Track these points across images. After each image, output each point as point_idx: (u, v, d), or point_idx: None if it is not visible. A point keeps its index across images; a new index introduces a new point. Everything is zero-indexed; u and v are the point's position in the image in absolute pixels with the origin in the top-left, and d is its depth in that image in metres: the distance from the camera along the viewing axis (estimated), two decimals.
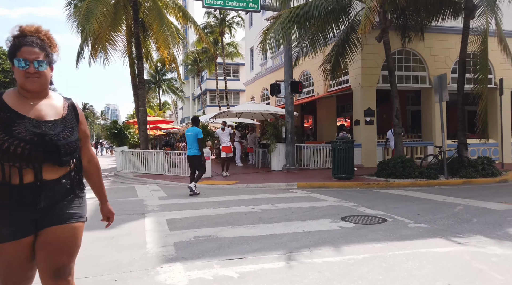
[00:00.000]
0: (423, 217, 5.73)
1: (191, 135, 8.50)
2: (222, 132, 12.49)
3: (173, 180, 11.72)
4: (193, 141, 8.47)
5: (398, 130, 11.24)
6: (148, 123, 20.25)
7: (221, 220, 5.76)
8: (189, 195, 8.40)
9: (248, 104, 15.53)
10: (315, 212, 6.26)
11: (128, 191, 9.71)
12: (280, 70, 20.92)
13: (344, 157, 10.48)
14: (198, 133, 8.44)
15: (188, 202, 7.51)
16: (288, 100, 13.25)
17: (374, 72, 14.34)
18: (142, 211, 6.65)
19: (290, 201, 7.47)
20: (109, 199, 2.44)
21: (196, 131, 8.47)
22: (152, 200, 7.94)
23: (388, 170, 10.65)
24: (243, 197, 8.14)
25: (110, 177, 13.86)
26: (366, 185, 9.79)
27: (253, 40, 27.11)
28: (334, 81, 16.24)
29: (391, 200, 7.34)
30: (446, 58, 15.14)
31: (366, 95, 14.25)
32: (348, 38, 12.84)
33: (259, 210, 6.47)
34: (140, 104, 14.83)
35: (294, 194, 8.58)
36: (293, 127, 13.33)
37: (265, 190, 9.34)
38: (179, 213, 6.35)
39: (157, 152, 13.59)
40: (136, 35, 14.24)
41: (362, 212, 6.16)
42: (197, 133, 8.44)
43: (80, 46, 14.25)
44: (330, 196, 7.98)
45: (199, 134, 8.44)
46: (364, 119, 14.23)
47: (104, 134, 16.34)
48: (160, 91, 48.28)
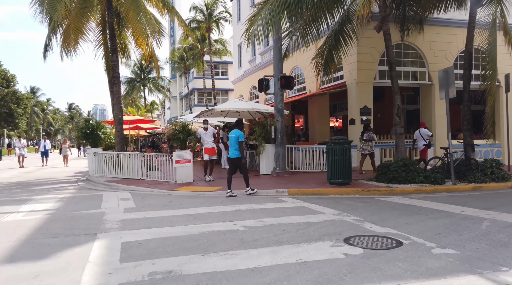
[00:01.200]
0: (446, 237, 4.57)
1: (233, 137, 8.70)
2: (204, 132, 11.21)
3: (149, 185, 10.42)
4: (235, 143, 8.65)
5: (399, 130, 10.15)
6: (127, 123, 18.88)
7: (192, 243, 4.51)
8: (246, 194, 8.60)
9: (234, 102, 14.30)
10: (311, 230, 5.06)
11: (93, 200, 8.37)
12: (269, 67, 19.72)
13: (341, 159, 9.32)
14: (240, 136, 8.65)
15: (157, 216, 6.24)
16: (278, 97, 12.05)
17: (370, 67, 13.24)
18: (96, 229, 5.35)
19: (280, 213, 6.25)
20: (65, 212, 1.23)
21: (237, 134, 8.68)
22: (115, 213, 6.63)
23: (389, 174, 9.54)
24: (224, 208, 6.90)
25: (80, 182, 12.45)
26: (366, 191, 8.64)
27: (241, 36, 25.91)
28: (327, 78, 15.13)
29: (399, 213, 6.19)
30: (447, 52, 14.14)
31: (362, 92, 13.15)
32: (342, 29, 11.72)
33: (242, 228, 5.24)
34: (115, 101, 13.46)
35: (285, 203, 7.37)
36: (283, 127, 12.14)
37: (252, 199, 8.11)
38: (142, 233, 5.08)
39: (132, 154, 12.24)
40: (110, 25, 12.87)
41: (369, 230, 4.98)
42: (238, 136, 8.66)
43: (48, 37, 12.78)
44: (327, 207, 6.80)
45: (241, 137, 8.65)
46: (360, 118, 13.11)
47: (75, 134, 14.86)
48: (145, 90, 46.62)
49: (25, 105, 47.46)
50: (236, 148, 8.64)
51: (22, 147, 20.72)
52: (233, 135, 8.73)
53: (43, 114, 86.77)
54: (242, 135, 8.72)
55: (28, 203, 8.09)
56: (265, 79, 11.92)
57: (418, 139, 12.18)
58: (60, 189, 10.79)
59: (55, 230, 5.38)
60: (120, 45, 15.58)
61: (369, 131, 11.71)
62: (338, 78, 14.54)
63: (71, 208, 7.23)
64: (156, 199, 8.39)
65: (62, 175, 15.44)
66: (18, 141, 21.56)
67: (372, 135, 11.66)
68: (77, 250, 4.33)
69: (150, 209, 6.95)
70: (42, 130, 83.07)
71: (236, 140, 8.63)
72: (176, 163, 10.77)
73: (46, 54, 12.84)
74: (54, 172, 17.06)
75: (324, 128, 16.39)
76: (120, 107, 13.49)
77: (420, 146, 12.03)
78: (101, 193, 9.55)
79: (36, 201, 8.29)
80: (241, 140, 8.61)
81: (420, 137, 12.04)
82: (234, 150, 8.68)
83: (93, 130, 13.40)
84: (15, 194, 9.66)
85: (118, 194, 9.37)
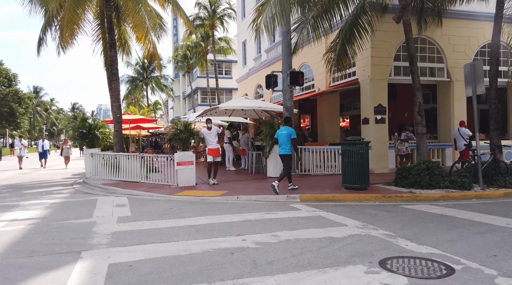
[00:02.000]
0: (506, 261, 3.73)
1: (284, 134, 8.66)
2: (208, 132, 10.40)
3: (148, 189, 9.64)
4: (287, 140, 8.62)
5: (421, 130, 9.30)
6: (128, 122, 18.13)
7: (194, 266, 3.71)
8: (288, 189, 8.54)
9: (240, 100, 13.49)
10: (336, 248, 4.23)
11: (85, 206, 7.59)
12: (275, 65, 18.91)
13: (358, 162, 8.48)
14: (292, 133, 8.60)
15: (154, 228, 5.43)
16: (287, 95, 11.22)
17: (385, 63, 12.38)
18: (81, 245, 4.55)
19: (295, 225, 5.43)
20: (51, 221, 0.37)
21: (289, 131, 8.64)
22: (107, 223, 5.84)
23: (411, 178, 8.69)
24: (231, 217, 6.09)
25: (76, 185, 11.69)
26: (387, 198, 7.80)
27: (246, 32, 25.10)
28: (337, 75, 14.28)
29: (435, 225, 5.34)
30: (467, 47, 13.25)
31: (376, 89, 12.29)
32: (357, 21, 10.88)
33: (253, 245, 4.43)
34: (113, 99, 12.71)
35: (299, 212, 6.55)
36: (292, 127, 11.29)
37: (260, 205, 7.30)
38: (134, 251, 4.28)
39: (131, 155, 11.47)
40: (108, 18, 12.11)
41: (405, 250, 4.14)
42: (290, 133, 8.61)
43: (42, 31, 12.04)
44: (348, 217, 5.96)
45: (293, 134, 8.60)
46: (374, 117, 12.26)
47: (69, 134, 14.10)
48: (148, 90, 45.93)
49: (27, 105, 46.98)
50: (288, 145, 8.60)
51: (22, 147, 19.39)
52: (284, 132, 8.72)
53: (46, 114, 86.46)
54: (294, 132, 8.66)
55: (13, 209, 7.33)
56: (273, 75, 11.11)
57: (457, 139, 11.39)
58: (53, 192, 10.03)
59: (33, 246, 4.59)
60: (120, 41, 14.84)
61: (407, 131, 11.03)
62: (350, 75, 13.69)
63: (59, 217, 6.45)
64: (155, 205, 7.60)
65: (58, 177, 14.71)
66: (18, 141, 20.37)
67: (410, 135, 11.01)
68: (52, 277, 3.53)
69: (147, 218, 6.15)
70: (45, 130, 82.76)
71: (288, 137, 8.62)
72: (178, 165, 9.98)
73: (40, 49, 12.13)
74: (51, 174, 16.34)
75: (334, 128, 15.54)
76: (118, 105, 12.73)
77: (460, 146, 11.20)
78: (96, 198, 8.78)
79: (23, 208, 7.53)
80: (293, 137, 8.56)
81: (460, 137, 11.23)
82: (285, 147, 8.65)
83: (90, 130, 12.64)
84: (2, 199, 8.90)
85: (114, 199, 8.59)
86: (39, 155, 20.24)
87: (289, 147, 8.65)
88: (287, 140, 8.65)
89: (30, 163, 19.98)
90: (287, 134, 8.66)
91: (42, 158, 20.04)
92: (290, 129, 8.74)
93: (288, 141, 8.64)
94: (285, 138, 8.67)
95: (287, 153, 8.68)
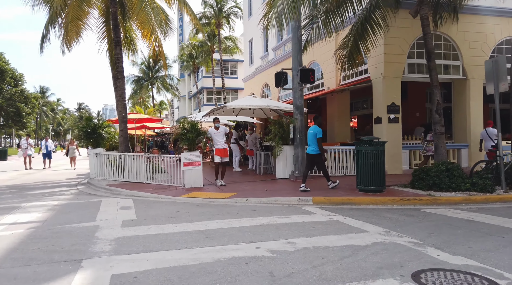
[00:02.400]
0: None
1: (311, 134, 8.72)
2: (215, 131, 10.05)
3: (154, 190, 9.32)
4: (313, 140, 8.65)
5: (439, 130, 8.86)
6: (133, 121, 17.85)
7: (205, 279, 3.34)
8: (329, 188, 8.65)
9: (248, 99, 13.13)
10: (360, 258, 3.85)
11: (88, 209, 7.27)
12: (282, 63, 18.54)
13: (373, 163, 8.07)
14: (318, 133, 8.60)
15: (160, 233, 5.08)
16: (297, 93, 10.84)
17: (398, 60, 11.95)
18: (82, 253, 4.21)
19: (311, 231, 5.05)
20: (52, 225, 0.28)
21: (315, 131, 8.64)
22: (110, 227, 5.51)
23: (429, 180, 8.26)
24: (242, 221, 5.73)
25: (80, 186, 11.40)
26: (406, 201, 7.39)
27: (252, 31, 24.74)
28: (347, 73, 13.90)
29: (464, 233, 4.92)
30: (483, 44, 12.76)
31: (389, 87, 11.86)
32: (370, 16, 10.45)
33: (268, 253, 4.05)
34: (118, 98, 12.41)
35: (313, 216, 6.17)
36: (303, 126, 10.93)
37: (272, 208, 6.92)
38: (139, 260, 3.92)
39: (136, 155, 11.15)
40: (113, 15, 11.81)
41: (438, 261, 3.75)
42: (316, 132, 8.61)
43: (45, 28, 11.77)
44: (367, 222, 5.57)
45: (319, 133, 8.60)
46: (387, 117, 11.83)
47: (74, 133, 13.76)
48: (154, 89, 45.76)
49: (33, 105, 47.02)
50: (315, 144, 8.61)
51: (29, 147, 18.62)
52: (311, 131, 8.76)
53: (52, 114, 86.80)
54: (320, 131, 8.66)
55: (14, 212, 7.03)
56: (282, 73, 10.72)
57: (485, 139, 10.85)
58: (56, 194, 9.74)
59: (31, 253, 4.26)
60: (125, 39, 14.56)
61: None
62: (362, 72, 13.27)
63: (61, 220, 6.13)
64: (161, 207, 7.27)
65: (63, 177, 14.45)
66: (25, 140, 19.54)
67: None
68: None
69: (153, 222, 5.81)
70: (51, 130, 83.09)
71: (314, 136, 8.61)
72: (184, 166, 9.65)
73: (43, 46, 11.85)
74: (55, 174, 16.11)
75: (344, 128, 15.11)
76: (123, 104, 12.44)
77: (488, 146, 10.70)
78: (100, 200, 8.46)
79: (24, 210, 7.23)
80: (319, 136, 8.58)
81: (487, 137, 10.69)
82: (313, 146, 8.69)
83: (95, 130, 12.34)
84: (4, 200, 8.62)
85: (119, 200, 8.26)
86: (43, 155, 19.41)
87: (316, 146, 8.64)
88: (313, 139, 8.64)
89: (35, 163, 19.67)
90: (313, 134, 8.66)
91: (46, 158, 19.26)
92: (316, 128, 8.68)
93: (314, 140, 8.64)
94: (312, 137, 8.69)
95: (313, 152, 8.71)
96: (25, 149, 18.61)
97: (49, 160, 19.25)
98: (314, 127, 8.77)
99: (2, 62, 39.18)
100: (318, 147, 8.63)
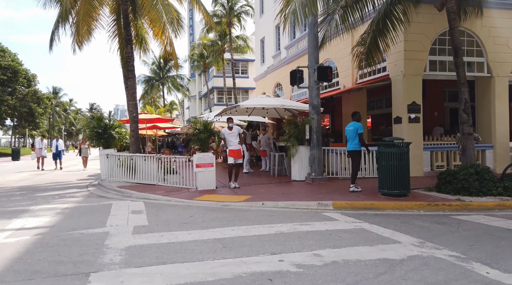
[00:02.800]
0: None
1: (351, 130, 8.42)
2: (229, 132, 9.70)
3: (166, 193, 9.00)
4: (354, 136, 8.36)
5: (467, 130, 8.34)
6: (144, 122, 17.61)
7: None
8: (350, 191, 8.29)
9: (261, 98, 12.73)
10: (398, 276, 3.42)
11: (98, 212, 6.98)
12: (296, 61, 18.11)
13: (397, 165, 7.60)
14: (359, 128, 8.30)
15: (174, 241, 4.73)
16: (313, 92, 10.40)
17: (419, 57, 11.41)
18: (91, 264, 3.88)
19: (337, 241, 4.64)
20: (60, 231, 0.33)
21: (356, 126, 8.35)
22: (121, 234, 5.18)
23: (457, 183, 7.76)
24: (260, 229, 5.34)
25: (91, 187, 11.17)
26: (433, 206, 6.91)
27: (264, 29, 24.33)
28: (364, 71, 13.39)
29: (509, 244, 4.45)
30: (509, 40, 12.12)
31: (409, 86, 11.33)
32: (391, 11, 9.96)
33: (294, 268, 3.66)
34: (129, 97, 12.16)
35: (336, 223, 5.74)
36: (319, 126, 10.50)
37: (291, 214, 6.52)
38: (152, 274, 3.57)
39: (148, 156, 10.87)
40: (124, 13, 11.56)
41: (490, 280, 3.29)
42: (357, 128, 8.32)
43: (55, 25, 11.58)
44: (398, 231, 5.12)
45: (360, 129, 8.30)
46: (407, 116, 11.30)
47: (86, 133, 13.53)
48: (164, 90, 45.72)
49: (46, 105, 47.47)
50: (356, 140, 8.30)
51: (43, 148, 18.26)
52: (351, 128, 8.48)
53: (65, 114, 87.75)
54: (361, 126, 8.37)
55: (22, 215, 6.77)
56: (298, 71, 10.31)
57: None
58: (66, 196, 9.50)
59: (36, 264, 3.94)
60: (136, 38, 14.32)
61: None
62: (380, 70, 12.75)
63: (70, 225, 5.83)
64: (173, 211, 6.93)
65: (74, 178, 14.28)
66: (39, 140, 18.67)
67: (477, 136, 10.09)
68: None
69: (165, 229, 5.46)
70: (63, 130, 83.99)
71: (355, 132, 8.34)
72: (197, 167, 9.31)
73: (52, 44, 11.64)
74: (66, 175, 15.98)
75: None
76: (134, 104, 12.18)
77: None
78: (111, 202, 8.18)
79: (32, 213, 6.97)
80: (360, 132, 8.28)
81: None
82: (353, 143, 8.39)
83: (106, 130, 12.11)
84: (13, 202, 8.40)
85: (130, 203, 7.97)
86: (53, 155, 18.97)
87: (357, 142, 8.33)
88: (354, 135, 8.35)
89: (46, 164, 19.55)
90: (353, 130, 8.38)
91: (56, 158, 18.79)
92: (356, 124, 8.40)
93: (355, 136, 8.33)
94: (352, 133, 8.41)
95: (355, 148, 8.41)
96: (40, 149, 18.44)
97: (59, 160, 18.98)
98: (353, 123, 8.50)
99: (15, 63, 39.59)
100: (360, 142, 8.32)
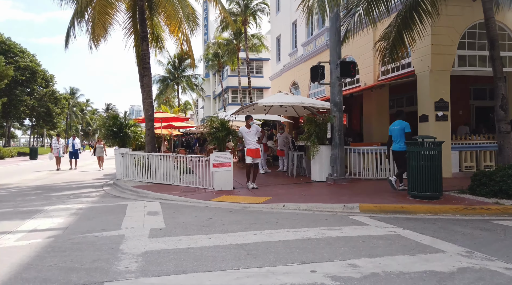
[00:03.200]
0: None
1: (397, 129, 8.21)
2: (247, 130, 9.34)
3: (182, 193, 8.71)
4: (400, 135, 8.13)
5: (504, 128, 7.75)
6: (160, 121, 17.44)
7: None
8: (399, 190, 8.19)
9: (279, 96, 12.32)
10: None
11: (113, 214, 6.70)
12: (313, 59, 17.63)
13: (428, 166, 7.08)
14: (406, 127, 8.06)
15: (193, 247, 4.38)
16: (335, 88, 9.94)
17: (448, 52, 10.80)
18: (105, 272, 3.55)
19: (372, 249, 4.20)
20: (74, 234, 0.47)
21: (403, 125, 8.12)
22: (137, 237, 4.86)
23: (494, 185, 7.20)
24: (285, 234, 4.94)
25: (106, 187, 10.99)
26: (470, 210, 6.37)
27: (280, 27, 23.91)
28: (387, 67, 12.83)
29: None
30: None
31: (437, 82, 10.74)
32: (418, 3, 9.42)
33: (329, 281, 3.25)
34: (145, 96, 11.94)
35: (367, 227, 5.30)
36: (341, 124, 10.03)
37: (315, 217, 6.11)
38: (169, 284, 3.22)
39: (164, 155, 10.60)
40: (140, 9, 11.34)
41: None
42: (404, 127, 8.09)
43: (70, 22, 11.45)
44: (438, 238, 4.64)
45: (407, 127, 8.05)
46: (434, 114, 10.72)
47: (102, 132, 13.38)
48: (179, 89, 45.78)
49: (63, 105, 48.17)
50: (402, 140, 8.03)
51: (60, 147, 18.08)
52: (397, 127, 8.24)
53: (81, 114, 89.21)
54: (408, 125, 8.13)
55: (35, 216, 6.56)
56: (319, 66, 9.86)
57: None
58: (81, 195, 9.31)
59: (46, 271, 3.65)
60: (152, 35, 14.11)
61: None
62: (404, 66, 12.18)
63: (83, 227, 5.56)
64: (191, 213, 6.60)
65: (89, 177, 14.18)
66: (55, 140, 18.45)
67: None
68: None
69: (184, 232, 5.13)
70: (80, 130, 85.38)
71: (402, 131, 8.08)
72: (214, 167, 8.98)
73: (68, 41, 11.51)
74: (82, 174, 15.92)
75: (382, 127, 13.95)
76: (150, 102, 11.95)
77: None
78: (126, 203, 7.92)
79: (46, 214, 6.75)
80: (407, 131, 8.02)
81: None
82: (399, 142, 8.16)
83: (121, 129, 11.92)
84: (27, 202, 8.24)
85: (146, 204, 7.69)
86: (70, 154, 18.79)
87: (404, 142, 8.01)
88: (401, 135, 8.11)
89: (63, 163, 19.53)
90: (400, 129, 8.15)
91: (72, 157, 18.62)
92: (403, 123, 8.15)
93: (401, 136, 8.10)
94: (398, 133, 8.17)
95: (401, 149, 8.10)
96: (57, 149, 18.38)
97: (75, 159, 18.87)
98: (399, 122, 8.23)
99: (33, 64, 40.24)
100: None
